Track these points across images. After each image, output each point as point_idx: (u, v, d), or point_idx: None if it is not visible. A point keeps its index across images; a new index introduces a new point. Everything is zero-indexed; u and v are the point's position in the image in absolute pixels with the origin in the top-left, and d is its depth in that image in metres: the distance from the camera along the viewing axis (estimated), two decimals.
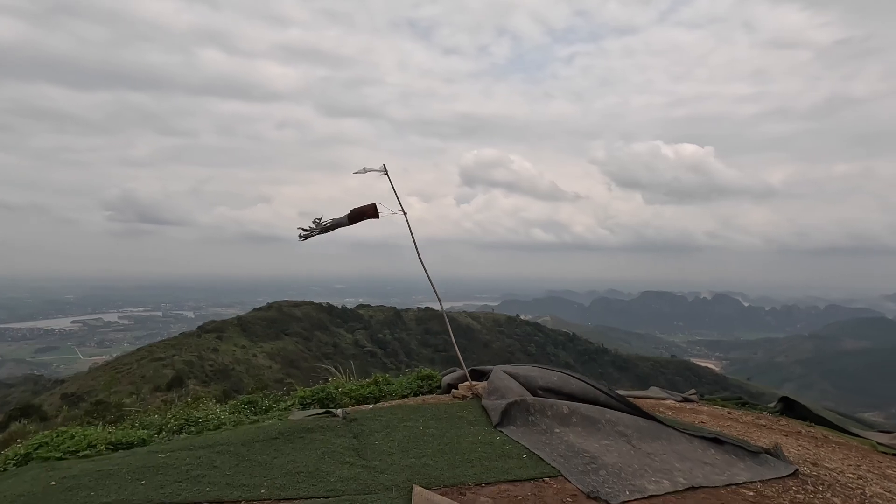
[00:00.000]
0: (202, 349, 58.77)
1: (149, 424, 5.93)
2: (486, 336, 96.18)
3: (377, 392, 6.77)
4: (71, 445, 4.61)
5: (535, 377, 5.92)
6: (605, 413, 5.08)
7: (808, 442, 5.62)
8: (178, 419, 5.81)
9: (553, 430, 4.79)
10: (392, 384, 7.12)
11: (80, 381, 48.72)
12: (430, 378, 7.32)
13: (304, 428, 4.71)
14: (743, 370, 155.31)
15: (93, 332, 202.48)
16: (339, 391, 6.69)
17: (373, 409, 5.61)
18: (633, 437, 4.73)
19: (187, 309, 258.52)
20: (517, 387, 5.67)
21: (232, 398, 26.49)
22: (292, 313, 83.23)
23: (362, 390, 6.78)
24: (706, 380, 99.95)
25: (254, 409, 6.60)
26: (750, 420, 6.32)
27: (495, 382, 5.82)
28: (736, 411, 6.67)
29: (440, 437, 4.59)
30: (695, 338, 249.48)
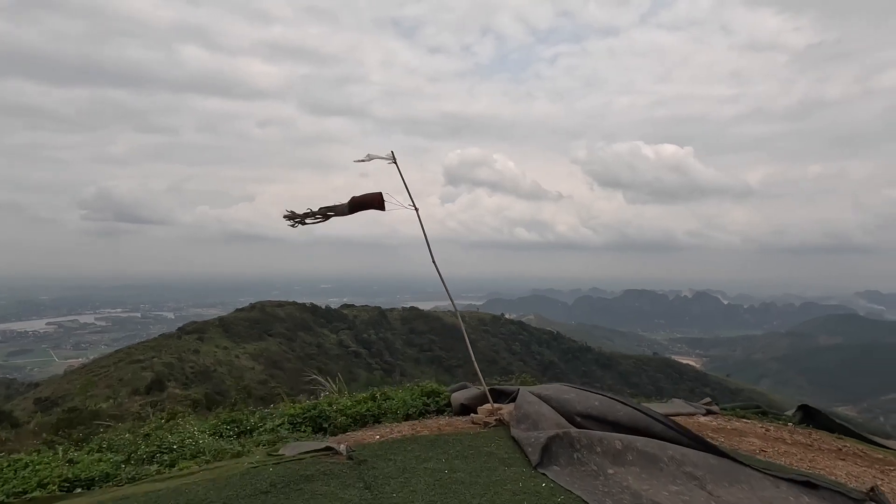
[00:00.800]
0: (182, 351, 57.58)
1: (118, 447, 5.29)
2: (471, 335, 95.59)
3: (376, 409, 5.91)
4: (18, 485, 3.96)
5: (572, 401, 4.93)
6: (667, 449, 4.11)
7: (863, 463, 4.88)
8: (150, 445, 5.12)
9: (605, 470, 3.91)
10: (392, 399, 6.24)
11: (54, 385, 47.28)
12: (437, 395, 6.34)
13: (301, 475, 3.74)
14: (722, 367, 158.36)
15: (68, 334, 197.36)
16: (332, 409, 5.90)
17: (382, 444, 4.65)
18: (706, 481, 3.82)
19: (167, 310, 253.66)
20: (551, 413, 4.76)
21: (213, 401, 25.80)
22: (276, 314, 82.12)
23: (359, 407, 5.94)
24: (687, 377, 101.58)
25: (238, 427, 5.81)
26: (800, 440, 5.58)
27: (525, 408, 4.85)
28: (771, 426, 6.01)
29: (471, 483, 3.62)
30: (676, 335, 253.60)
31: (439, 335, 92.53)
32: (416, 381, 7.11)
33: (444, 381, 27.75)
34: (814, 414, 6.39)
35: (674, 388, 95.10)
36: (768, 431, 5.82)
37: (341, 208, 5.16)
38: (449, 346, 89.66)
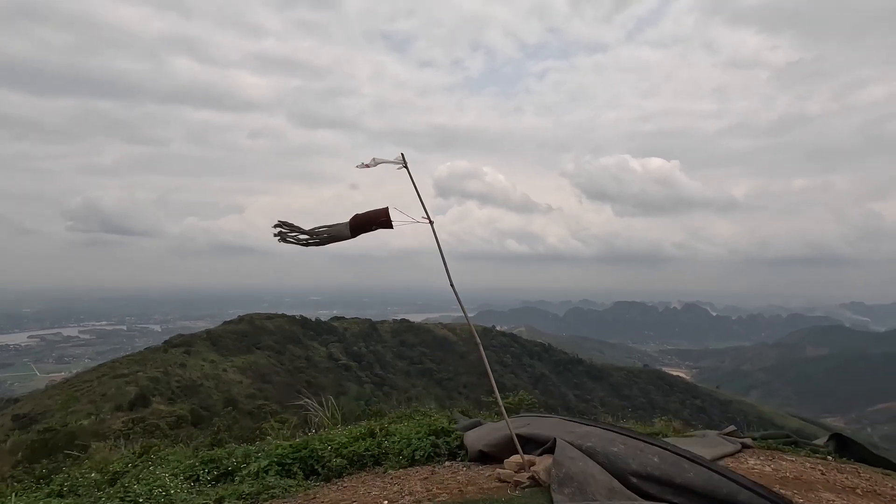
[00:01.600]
0: (168, 364, 56.53)
1: (80, 489, 4.73)
2: (462, 347, 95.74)
3: (375, 448, 5.11)
4: None
5: (622, 455, 3.95)
6: None
7: None
8: (113, 498, 4.45)
9: None
10: (394, 436, 5.37)
11: (34, 401, 46.06)
12: (447, 434, 5.43)
13: None
14: (712, 378, 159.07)
15: (51, 347, 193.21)
16: (326, 447, 5.09)
17: None
18: None
19: (154, 322, 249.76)
20: (600, 473, 3.84)
21: (199, 418, 25.22)
22: (264, 326, 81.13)
23: (356, 445, 5.12)
24: (678, 389, 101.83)
25: (217, 469, 5.11)
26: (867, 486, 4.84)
27: (567, 466, 3.88)
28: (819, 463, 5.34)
29: None
30: (666, 347, 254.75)
31: (430, 348, 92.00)
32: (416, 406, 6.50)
33: (437, 396, 28.10)
34: (847, 443, 5.87)
35: (665, 399, 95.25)
36: (825, 475, 5.19)
37: (339, 230, 4.50)
38: (440, 359, 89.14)
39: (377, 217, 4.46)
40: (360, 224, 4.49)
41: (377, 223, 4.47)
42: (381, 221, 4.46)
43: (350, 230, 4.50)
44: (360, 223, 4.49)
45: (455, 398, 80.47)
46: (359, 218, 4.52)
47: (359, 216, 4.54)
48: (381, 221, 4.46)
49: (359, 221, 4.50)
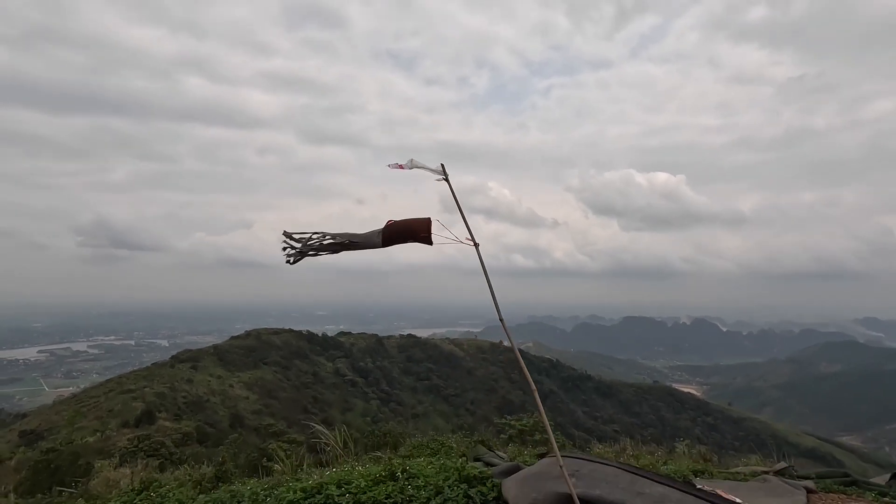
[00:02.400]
0: (175, 380, 56.48)
1: None
2: (469, 363, 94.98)
3: (398, 494, 4.36)
4: None
5: None
6: None
7: None
8: None
9: None
10: (418, 479, 4.64)
11: (42, 416, 46.09)
12: (480, 481, 4.65)
13: None
14: (723, 395, 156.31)
15: (60, 362, 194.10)
16: (343, 493, 4.40)
17: None
18: None
19: (161, 337, 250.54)
20: None
21: (205, 434, 25.08)
22: (271, 341, 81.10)
23: (377, 491, 4.38)
24: (689, 406, 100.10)
25: None
26: None
27: None
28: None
29: None
30: (676, 363, 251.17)
31: (437, 363, 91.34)
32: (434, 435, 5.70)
33: (443, 412, 27.52)
34: None
35: (675, 417, 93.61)
36: None
37: (369, 238, 3.86)
38: (447, 375, 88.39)
39: (418, 230, 3.81)
40: (397, 234, 3.85)
41: (416, 237, 3.82)
42: (422, 236, 3.82)
43: (382, 239, 3.86)
44: (397, 233, 3.85)
45: (462, 415, 79.53)
46: (396, 227, 3.86)
47: (397, 224, 3.88)
48: (421, 236, 3.82)
49: (395, 231, 3.85)
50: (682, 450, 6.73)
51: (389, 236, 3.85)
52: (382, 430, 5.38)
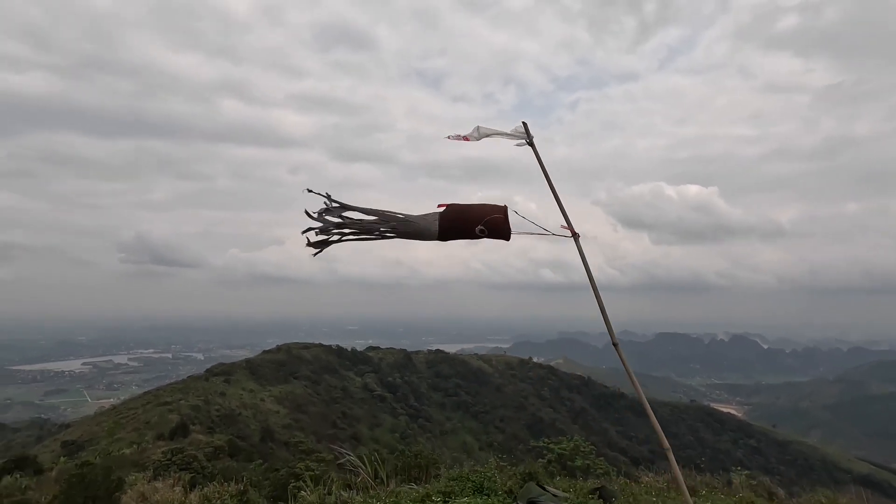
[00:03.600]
0: (209, 393, 57.63)
1: None
2: (498, 380, 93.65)
3: None
4: None
5: None
6: None
7: None
8: None
9: None
10: None
11: (83, 427, 47.70)
12: None
13: None
14: (766, 416, 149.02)
15: (102, 374, 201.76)
16: None
17: None
18: None
19: (197, 351, 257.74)
20: None
21: (236, 448, 25.24)
22: (301, 356, 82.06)
23: None
24: (729, 427, 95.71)
25: None
26: None
27: None
28: None
29: None
30: (713, 381, 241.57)
31: (465, 379, 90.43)
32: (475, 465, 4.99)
33: (472, 429, 26.93)
34: None
35: (715, 438, 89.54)
36: None
37: (422, 226, 2.87)
38: (475, 391, 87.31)
39: (493, 221, 2.83)
40: (460, 223, 2.85)
41: (490, 227, 2.86)
42: (498, 227, 2.85)
43: (440, 231, 2.88)
44: (460, 222, 2.84)
45: (492, 432, 78.17)
46: (459, 214, 2.84)
47: (459, 211, 2.87)
48: (496, 227, 2.85)
49: (457, 219, 2.83)
50: (739, 481, 6.14)
51: (450, 226, 2.87)
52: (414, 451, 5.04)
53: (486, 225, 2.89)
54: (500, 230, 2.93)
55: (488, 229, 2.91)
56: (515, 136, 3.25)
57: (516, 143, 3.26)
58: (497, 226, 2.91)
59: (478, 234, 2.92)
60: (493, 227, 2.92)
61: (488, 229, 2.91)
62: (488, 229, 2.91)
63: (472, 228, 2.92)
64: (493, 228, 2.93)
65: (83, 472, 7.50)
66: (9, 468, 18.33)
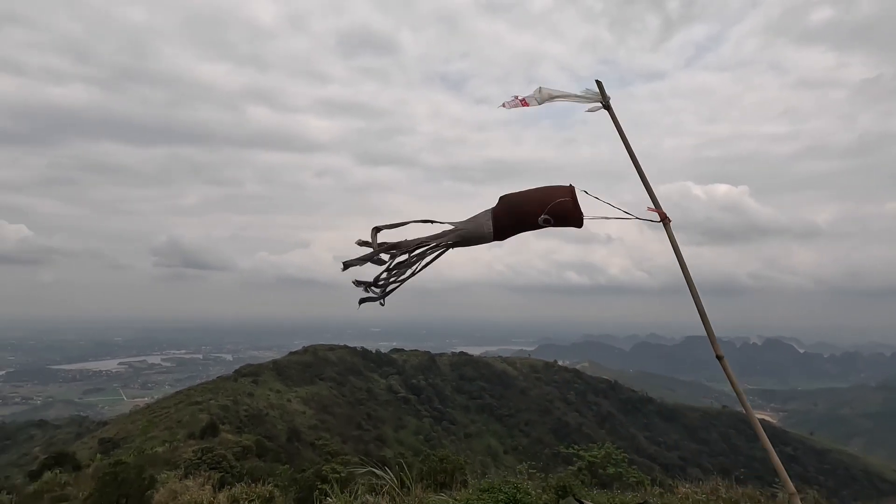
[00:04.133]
0: (238, 393, 58.86)
1: None
2: (523, 383, 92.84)
3: None
4: None
5: None
6: None
7: None
8: None
9: None
10: None
11: (119, 425, 49.30)
12: None
13: None
14: (803, 423, 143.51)
15: (137, 373, 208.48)
16: None
17: None
18: None
19: (226, 352, 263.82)
20: None
21: (264, 449, 25.61)
22: (327, 357, 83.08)
23: None
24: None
25: None
26: None
27: None
28: None
29: None
30: (746, 386, 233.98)
31: (489, 382, 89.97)
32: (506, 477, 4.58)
33: (497, 432, 26.74)
34: None
35: (749, 446, 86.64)
36: None
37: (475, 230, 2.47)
38: (499, 395, 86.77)
39: (560, 207, 2.40)
40: (520, 216, 2.43)
41: (556, 215, 2.42)
42: (566, 213, 2.41)
43: (496, 230, 2.47)
44: (520, 215, 2.42)
45: (516, 436, 77.52)
46: (515, 206, 2.43)
47: (513, 202, 2.45)
48: (563, 213, 2.41)
49: (517, 211, 2.42)
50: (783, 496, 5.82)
51: (507, 222, 2.45)
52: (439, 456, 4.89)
53: (551, 213, 2.47)
54: (570, 216, 2.49)
55: (554, 217, 2.48)
56: (587, 98, 2.80)
57: (589, 107, 2.86)
58: (565, 212, 2.49)
59: (542, 225, 2.52)
60: (560, 213, 2.50)
61: (554, 217, 2.48)
62: (554, 217, 2.48)
63: (533, 219, 2.51)
64: (561, 215, 2.50)
65: (116, 471, 7.74)
66: (49, 464, 19.08)
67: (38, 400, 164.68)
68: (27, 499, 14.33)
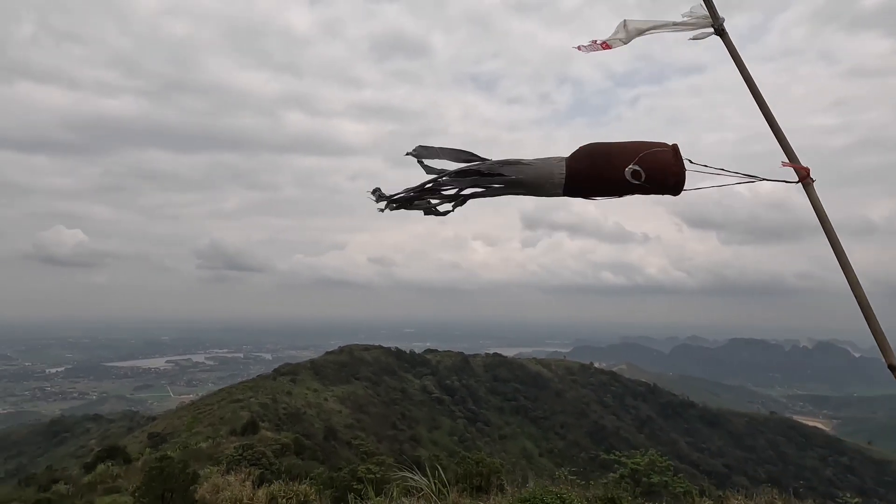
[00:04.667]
0: (277, 392, 60.39)
1: None
2: (558, 385, 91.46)
3: None
4: None
5: None
6: None
7: None
8: None
9: None
10: None
11: (167, 421, 51.47)
12: None
13: None
14: (860, 432, 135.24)
15: (183, 371, 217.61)
16: None
17: None
18: None
19: (265, 351, 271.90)
20: None
21: (302, 447, 26.10)
22: (362, 357, 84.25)
23: None
24: (816, 442, 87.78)
25: None
26: None
27: None
28: None
29: None
30: (796, 392, 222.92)
31: (524, 384, 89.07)
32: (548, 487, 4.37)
33: (532, 435, 26.43)
34: None
35: (800, 454, 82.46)
36: None
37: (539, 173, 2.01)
38: (534, 396, 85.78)
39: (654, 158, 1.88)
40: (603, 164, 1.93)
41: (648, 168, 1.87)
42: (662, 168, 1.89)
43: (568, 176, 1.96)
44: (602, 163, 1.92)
45: (552, 439, 76.41)
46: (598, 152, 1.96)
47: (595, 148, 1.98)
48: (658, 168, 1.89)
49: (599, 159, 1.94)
50: None
51: (584, 170, 1.93)
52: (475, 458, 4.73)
53: (643, 165, 1.83)
54: (668, 172, 1.85)
55: (645, 171, 1.84)
56: (691, 25, 2.07)
57: (693, 34, 2.12)
58: (663, 166, 1.85)
59: (629, 181, 1.86)
60: (655, 167, 1.85)
61: (645, 171, 1.84)
62: (645, 171, 1.84)
63: (619, 172, 1.87)
64: (656, 170, 1.86)
65: (162, 465, 8.06)
66: (102, 457, 20.11)
67: (93, 395, 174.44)
68: (82, 489, 15.13)
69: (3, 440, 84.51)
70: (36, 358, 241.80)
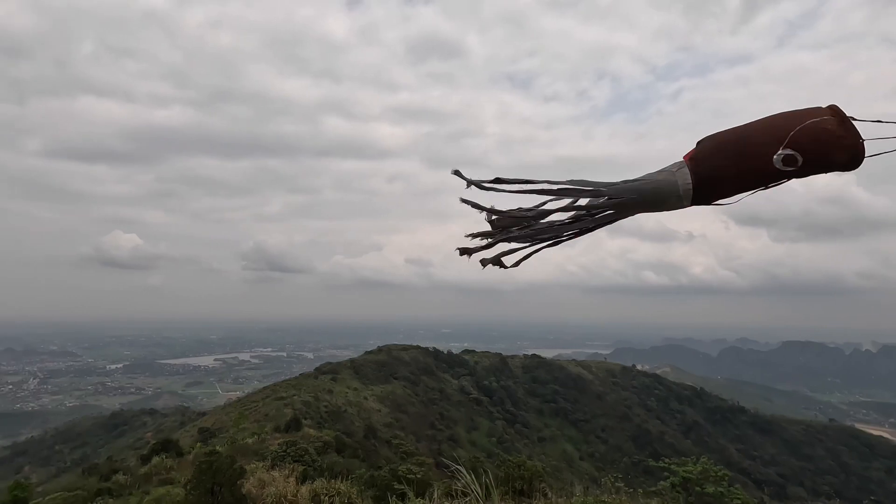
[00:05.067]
0: (318, 390, 61.74)
1: None
2: (599, 387, 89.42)
3: None
4: None
5: None
6: None
7: None
8: None
9: None
10: None
11: (216, 416, 53.58)
12: None
13: None
14: None
15: (230, 369, 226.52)
16: None
17: None
18: None
19: (308, 350, 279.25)
20: None
21: (343, 444, 26.49)
22: (401, 357, 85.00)
23: None
24: (881, 452, 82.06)
25: None
26: None
27: None
28: None
29: None
30: (858, 398, 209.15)
31: (563, 386, 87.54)
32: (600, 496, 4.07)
33: (572, 437, 25.94)
34: None
35: (862, 465, 77.30)
36: None
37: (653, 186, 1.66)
38: (574, 398, 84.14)
39: (814, 131, 1.54)
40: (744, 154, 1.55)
41: (807, 146, 1.58)
42: (830, 139, 1.60)
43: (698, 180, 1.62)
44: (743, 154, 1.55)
45: (593, 442, 74.74)
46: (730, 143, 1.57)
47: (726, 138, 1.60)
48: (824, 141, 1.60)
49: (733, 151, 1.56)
50: None
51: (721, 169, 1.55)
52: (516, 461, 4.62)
53: (796, 146, 1.39)
54: (834, 147, 1.47)
55: (803, 153, 1.45)
56: None
57: None
58: (828, 137, 1.45)
59: (780, 170, 1.49)
60: (813, 146, 1.46)
61: (803, 153, 1.45)
62: (803, 153, 1.45)
63: (762, 161, 1.49)
64: (816, 149, 1.47)
65: (211, 460, 8.38)
66: (157, 449, 21.16)
67: (149, 390, 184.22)
68: (138, 479, 15.94)
69: (70, 431, 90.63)
70: (98, 355, 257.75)
